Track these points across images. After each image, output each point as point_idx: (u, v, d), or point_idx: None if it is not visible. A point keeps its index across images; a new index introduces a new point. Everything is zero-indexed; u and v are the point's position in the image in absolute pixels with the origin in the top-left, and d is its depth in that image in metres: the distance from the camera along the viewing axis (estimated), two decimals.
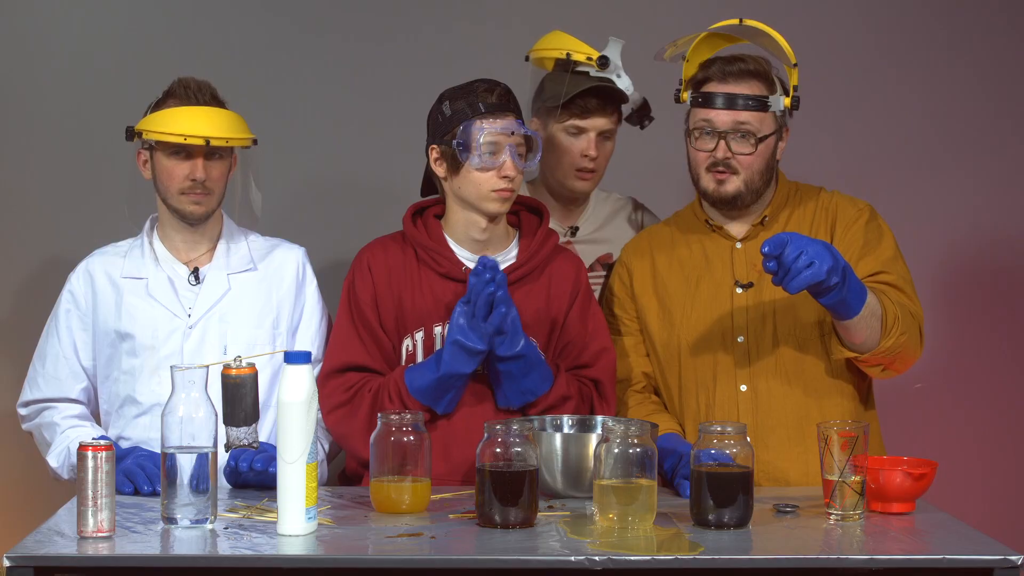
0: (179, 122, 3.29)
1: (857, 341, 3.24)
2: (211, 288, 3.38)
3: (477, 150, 3.25)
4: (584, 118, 3.61)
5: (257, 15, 4.31)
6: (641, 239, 3.55)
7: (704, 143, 3.34)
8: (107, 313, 3.37)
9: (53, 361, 3.40)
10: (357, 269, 3.39)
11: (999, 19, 4.40)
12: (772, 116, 3.34)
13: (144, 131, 3.31)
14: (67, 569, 2.67)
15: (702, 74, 3.36)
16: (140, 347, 3.34)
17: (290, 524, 2.79)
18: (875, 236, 3.38)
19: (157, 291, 3.37)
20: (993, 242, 4.44)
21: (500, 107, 3.27)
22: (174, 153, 3.32)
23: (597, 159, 3.63)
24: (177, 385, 2.86)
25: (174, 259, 3.40)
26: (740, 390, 3.35)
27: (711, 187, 3.35)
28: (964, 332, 4.39)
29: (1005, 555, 2.67)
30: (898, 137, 4.39)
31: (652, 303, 3.45)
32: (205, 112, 3.32)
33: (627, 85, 3.61)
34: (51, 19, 4.26)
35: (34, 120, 4.25)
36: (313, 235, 3.83)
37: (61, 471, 3.33)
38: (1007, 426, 4.44)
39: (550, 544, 2.75)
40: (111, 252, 3.45)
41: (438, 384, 3.25)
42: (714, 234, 3.44)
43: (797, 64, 3.32)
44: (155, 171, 3.35)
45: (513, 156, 3.27)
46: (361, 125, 4.32)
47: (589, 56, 3.59)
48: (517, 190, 3.32)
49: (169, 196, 3.35)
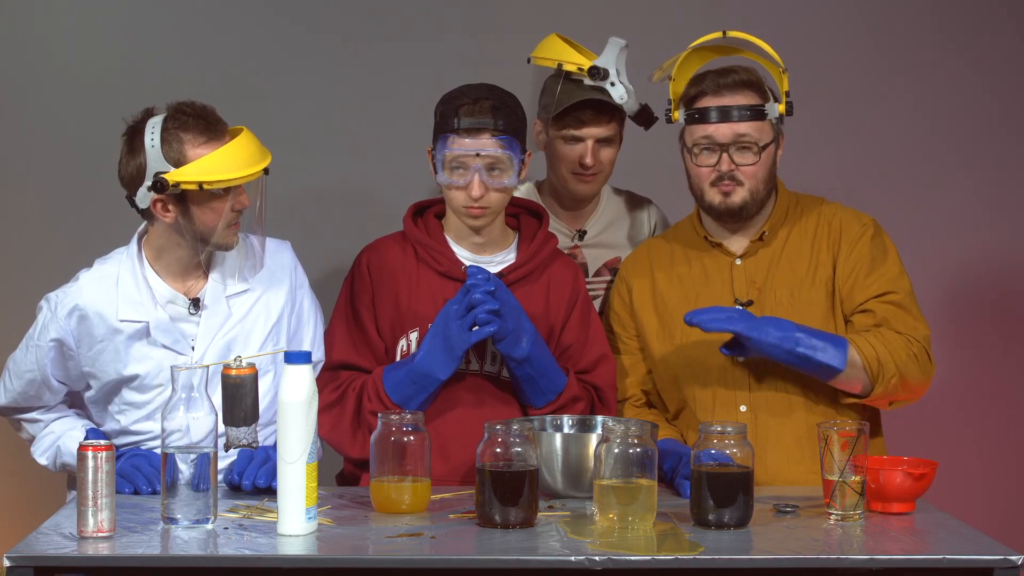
0: (233, 162, 3.08)
1: (854, 392, 3.26)
2: (212, 317, 3.25)
3: (444, 167, 3.24)
4: (579, 128, 3.60)
5: (256, 16, 4.31)
6: (640, 255, 3.52)
7: (706, 159, 3.32)
8: (107, 359, 3.22)
9: (32, 385, 3.27)
10: (356, 269, 3.40)
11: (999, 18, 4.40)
12: (769, 124, 3.32)
13: (203, 182, 3.06)
14: (67, 569, 2.67)
15: (694, 90, 3.33)
16: (146, 386, 3.23)
17: (290, 524, 2.79)
18: (880, 253, 3.36)
19: (159, 334, 3.22)
20: (993, 245, 4.44)
21: (474, 125, 3.22)
22: (218, 195, 3.11)
23: (596, 164, 3.62)
24: (177, 385, 2.86)
25: (172, 292, 3.23)
26: (740, 410, 3.34)
27: (717, 200, 3.32)
28: (964, 333, 4.39)
29: (1005, 555, 2.67)
30: (899, 145, 4.39)
31: (652, 320, 3.44)
32: (247, 142, 3.13)
33: (620, 95, 3.55)
34: (51, 19, 4.26)
35: (34, 120, 4.26)
36: (312, 236, 3.83)
37: (50, 466, 3.30)
38: (1007, 426, 4.44)
39: (550, 544, 2.75)
40: (101, 283, 3.23)
41: (410, 379, 3.24)
42: (714, 251, 3.42)
43: (787, 70, 3.31)
44: (189, 214, 3.12)
45: (482, 175, 3.23)
46: (361, 126, 4.32)
47: (580, 67, 3.56)
48: (494, 206, 3.28)
49: (213, 235, 3.14)
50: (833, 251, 3.36)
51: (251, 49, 4.29)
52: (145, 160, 3.11)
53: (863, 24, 4.39)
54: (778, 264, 3.37)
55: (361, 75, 4.32)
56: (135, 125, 3.16)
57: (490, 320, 3.18)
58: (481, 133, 3.23)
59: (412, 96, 4.10)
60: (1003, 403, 4.43)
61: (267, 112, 3.44)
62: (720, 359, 3.34)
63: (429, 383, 3.24)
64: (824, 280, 3.35)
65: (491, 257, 3.38)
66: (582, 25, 3.77)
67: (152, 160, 3.10)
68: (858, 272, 3.33)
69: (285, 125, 4.17)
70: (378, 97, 4.31)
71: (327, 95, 4.31)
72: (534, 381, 3.28)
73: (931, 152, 4.40)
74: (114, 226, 3.51)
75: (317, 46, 4.31)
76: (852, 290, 3.33)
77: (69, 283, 3.27)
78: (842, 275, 3.34)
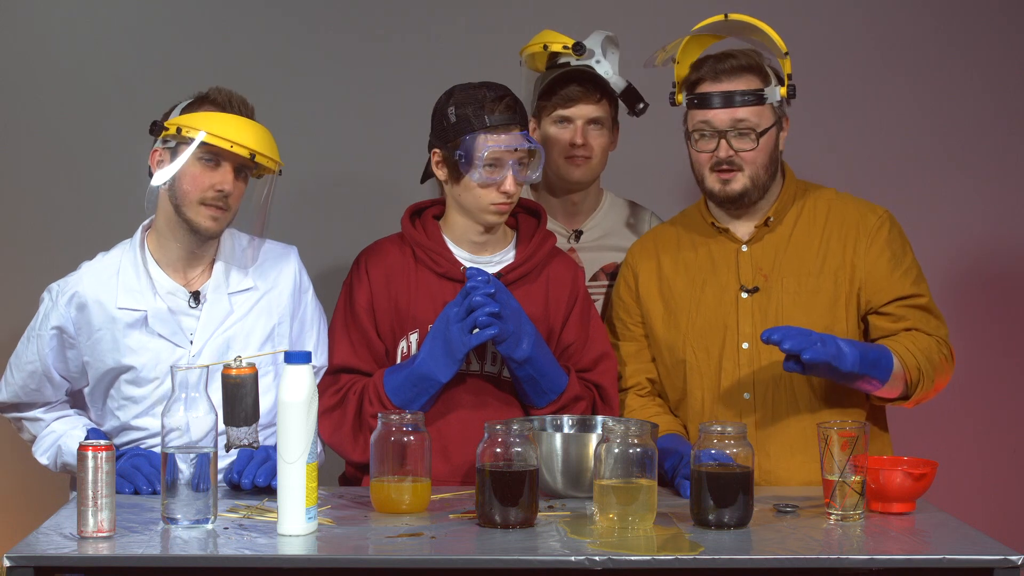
0: (226, 128, 3.12)
1: (890, 398, 3.28)
2: (212, 312, 3.25)
3: (479, 166, 3.23)
4: (568, 107, 3.61)
5: (257, 14, 4.31)
6: (647, 240, 3.53)
7: (705, 144, 3.32)
8: (104, 348, 3.23)
9: (33, 378, 3.28)
10: (355, 272, 3.39)
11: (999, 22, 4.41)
12: (770, 108, 3.32)
13: (184, 127, 3.11)
14: (67, 569, 2.67)
15: (695, 75, 3.34)
16: (143, 379, 3.24)
17: (290, 524, 2.79)
18: (900, 250, 3.35)
19: (157, 324, 3.22)
20: (994, 242, 4.44)
21: (506, 121, 3.23)
22: (205, 159, 3.13)
23: (586, 146, 3.62)
24: (177, 385, 2.86)
25: (172, 283, 3.24)
26: (744, 398, 3.34)
27: (717, 187, 3.33)
28: (964, 332, 4.38)
29: (1005, 555, 2.67)
30: (898, 142, 4.39)
31: (658, 306, 3.44)
32: (252, 126, 3.17)
33: (606, 70, 3.61)
34: (51, 19, 4.26)
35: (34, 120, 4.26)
36: (312, 236, 3.83)
37: (51, 466, 3.31)
38: (1007, 426, 4.44)
39: (550, 544, 2.75)
40: (102, 272, 3.25)
41: (410, 381, 3.24)
42: (720, 236, 3.41)
43: (788, 53, 3.30)
44: (174, 176, 3.14)
45: (514, 171, 3.25)
46: (361, 125, 4.32)
47: (565, 45, 3.61)
48: (515, 202, 3.30)
49: (186, 204, 3.16)
50: (847, 242, 3.35)
51: (251, 49, 4.29)
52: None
53: (863, 23, 4.39)
54: (785, 251, 3.36)
55: (362, 75, 4.32)
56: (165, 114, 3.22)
57: (490, 323, 3.18)
58: (511, 129, 3.24)
59: (413, 97, 4.09)
60: (1003, 403, 4.43)
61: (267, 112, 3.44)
62: (724, 345, 3.35)
63: (430, 386, 3.24)
64: (833, 270, 3.33)
65: (490, 257, 3.38)
66: (583, 25, 3.76)
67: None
68: (881, 266, 3.32)
69: (285, 125, 4.16)
70: (379, 98, 4.31)
71: (327, 96, 4.31)
72: (535, 382, 3.28)
73: (930, 150, 4.40)
74: (113, 226, 3.51)
75: (317, 46, 4.31)
76: (876, 287, 3.32)
77: (71, 273, 3.29)
78: (863, 269, 3.32)
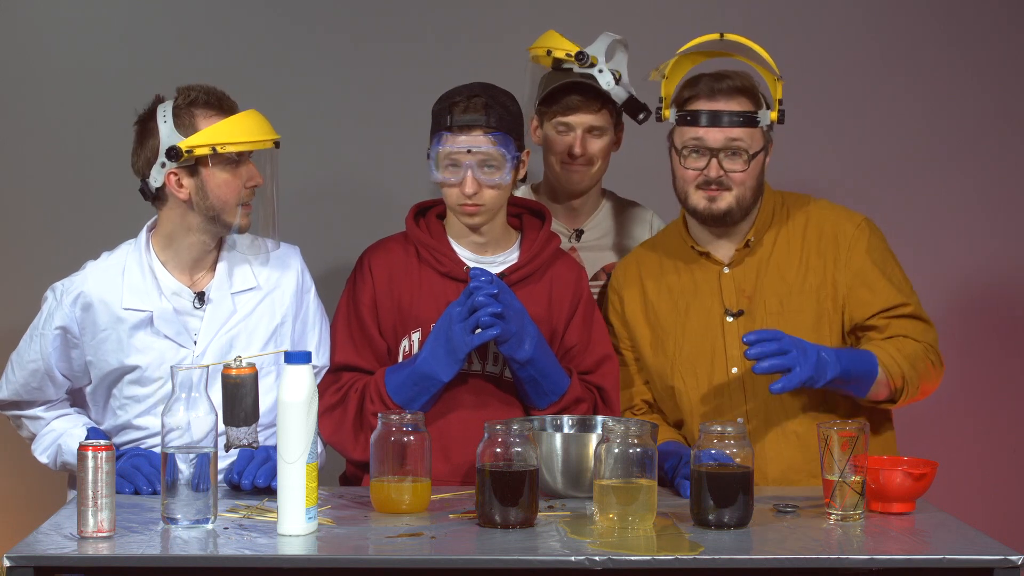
0: (244, 130, 3.14)
1: (878, 399, 3.27)
2: (216, 312, 3.25)
3: (437, 165, 3.24)
4: (568, 115, 3.61)
5: (256, 15, 4.31)
6: (629, 265, 3.50)
7: (694, 161, 3.29)
8: (109, 348, 3.22)
9: (35, 376, 3.27)
10: (359, 270, 3.39)
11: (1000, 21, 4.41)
12: (760, 132, 3.30)
13: (216, 145, 3.11)
14: (67, 569, 2.67)
15: (688, 92, 3.30)
16: (147, 379, 3.23)
17: (290, 524, 2.79)
18: (880, 257, 3.34)
19: (163, 324, 3.21)
20: (994, 246, 4.44)
21: (467, 122, 3.22)
22: (231, 164, 3.15)
23: (586, 154, 3.62)
24: (177, 385, 2.86)
25: (177, 284, 3.23)
26: (737, 423, 3.33)
27: (702, 204, 3.29)
28: (964, 332, 4.39)
29: (1005, 555, 2.67)
30: (899, 145, 4.39)
31: (645, 331, 3.42)
32: (254, 116, 3.19)
33: (607, 81, 3.58)
34: (51, 19, 4.26)
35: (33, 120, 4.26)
36: (313, 236, 3.82)
37: (50, 465, 3.31)
38: (1007, 426, 4.44)
39: (550, 544, 2.75)
40: (107, 272, 3.24)
41: (412, 380, 3.24)
42: (701, 260, 3.39)
43: (781, 77, 3.29)
44: (204, 188, 3.14)
45: (475, 172, 3.23)
46: (362, 126, 4.32)
47: (568, 52, 3.59)
48: (488, 204, 3.27)
49: (227, 211, 3.16)
50: (826, 256, 3.33)
51: (251, 49, 4.30)
52: (159, 139, 3.14)
53: (863, 23, 4.39)
54: (766, 272, 3.35)
55: (363, 75, 4.32)
56: (146, 112, 3.20)
57: (493, 323, 3.17)
58: (473, 130, 3.23)
59: (415, 96, 4.08)
60: (1003, 403, 4.43)
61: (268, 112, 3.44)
62: (714, 369, 3.34)
63: (431, 385, 3.24)
64: (814, 288, 3.32)
65: (493, 257, 3.38)
66: (585, 26, 3.76)
67: (165, 136, 3.14)
68: (862, 280, 3.31)
69: (287, 125, 4.15)
70: (381, 98, 4.31)
71: (328, 95, 4.31)
72: (537, 383, 3.28)
73: (930, 150, 4.40)
74: (113, 226, 3.51)
75: (317, 46, 4.31)
76: (859, 301, 3.31)
77: (75, 273, 3.28)
78: (844, 284, 3.31)
